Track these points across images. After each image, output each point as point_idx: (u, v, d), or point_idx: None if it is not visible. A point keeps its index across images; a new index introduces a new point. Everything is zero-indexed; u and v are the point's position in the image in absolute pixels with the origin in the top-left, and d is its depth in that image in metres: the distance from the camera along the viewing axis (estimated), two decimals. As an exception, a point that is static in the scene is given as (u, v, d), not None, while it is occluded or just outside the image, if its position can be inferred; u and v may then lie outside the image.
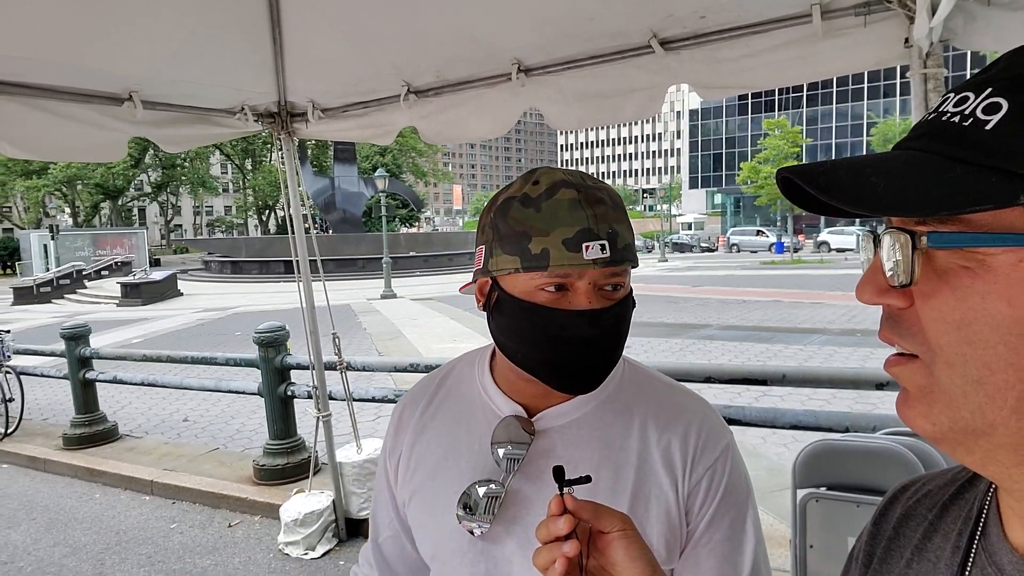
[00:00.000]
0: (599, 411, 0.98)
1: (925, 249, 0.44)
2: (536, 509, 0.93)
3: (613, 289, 0.88)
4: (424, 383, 1.11)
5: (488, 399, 1.01)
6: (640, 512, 0.92)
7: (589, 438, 0.96)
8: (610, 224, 0.86)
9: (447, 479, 0.98)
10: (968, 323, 0.42)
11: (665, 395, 1.02)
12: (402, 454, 1.05)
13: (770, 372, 3.18)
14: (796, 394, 6.59)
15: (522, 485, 0.94)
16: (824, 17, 2.27)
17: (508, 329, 0.91)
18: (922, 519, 0.59)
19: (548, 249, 0.84)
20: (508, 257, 0.87)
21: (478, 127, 3.11)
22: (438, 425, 1.04)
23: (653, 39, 2.53)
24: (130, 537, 4.52)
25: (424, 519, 1.01)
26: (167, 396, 8.48)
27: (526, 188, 0.89)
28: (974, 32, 2.14)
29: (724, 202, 73.73)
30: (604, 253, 0.84)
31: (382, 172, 23.23)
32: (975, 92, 0.43)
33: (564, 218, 0.85)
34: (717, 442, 0.97)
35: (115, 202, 55.36)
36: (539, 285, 0.86)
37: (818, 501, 2.31)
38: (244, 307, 19.41)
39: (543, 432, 0.96)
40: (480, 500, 0.93)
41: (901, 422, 1.89)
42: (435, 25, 2.79)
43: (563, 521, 0.67)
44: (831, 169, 0.45)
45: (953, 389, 0.44)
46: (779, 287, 19.83)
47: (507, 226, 0.88)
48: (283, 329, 5.12)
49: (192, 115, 3.31)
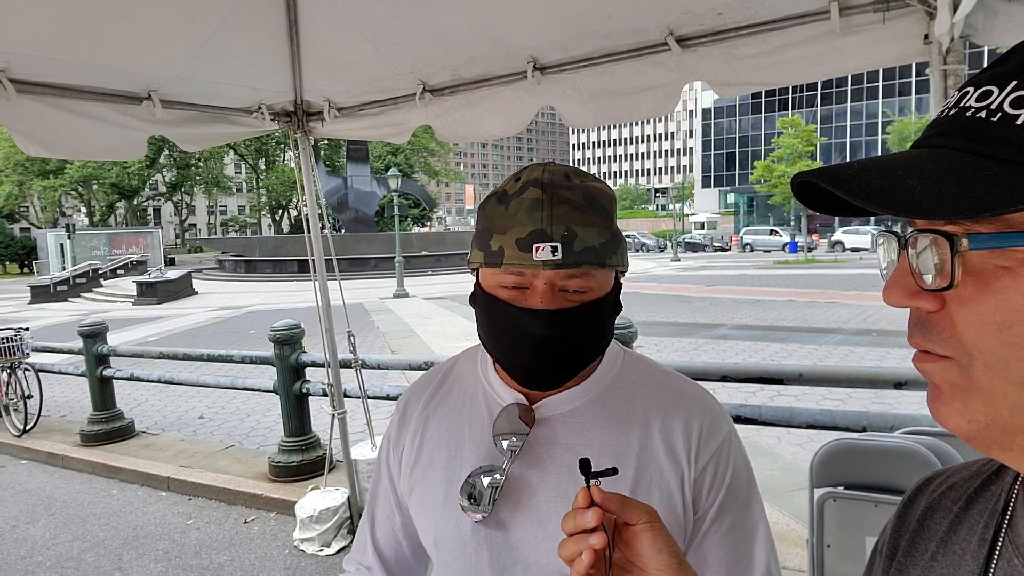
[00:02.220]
0: (600, 399, 0.99)
1: (965, 251, 0.42)
2: (539, 495, 0.95)
3: (577, 292, 0.89)
4: (427, 377, 1.12)
5: (491, 389, 1.03)
6: (642, 498, 0.92)
7: (591, 425, 0.97)
8: (568, 225, 0.86)
9: (450, 469, 1.00)
10: (1010, 325, 0.41)
11: (665, 383, 1.02)
12: (405, 446, 1.06)
13: (787, 371, 3.17)
14: (811, 394, 6.55)
15: (524, 472, 0.96)
16: (843, 14, 2.26)
17: (478, 321, 0.96)
18: (947, 511, 0.58)
19: (503, 247, 0.87)
20: (477, 252, 0.92)
21: (493, 125, 3.11)
22: (441, 417, 1.05)
23: (670, 36, 2.52)
24: (147, 533, 4.56)
25: (427, 509, 1.01)
26: (183, 394, 8.55)
27: (507, 184, 0.92)
28: (995, 28, 2.12)
29: (737, 201, 73.33)
30: (555, 255, 0.85)
31: (395, 172, 23.29)
32: (998, 86, 0.42)
33: (522, 218, 0.87)
34: (719, 428, 0.98)
35: (130, 202, 55.83)
36: (500, 282, 0.90)
37: (836, 500, 2.29)
38: (258, 306, 19.54)
39: (544, 420, 0.98)
40: (481, 487, 0.95)
41: (919, 421, 1.87)
42: (453, 23, 2.79)
43: (591, 514, 0.67)
44: (860, 172, 0.43)
45: (993, 390, 0.43)
46: (793, 287, 19.69)
47: (480, 222, 0.93)
48: (298, 327, 5.15)
49: (210, 114, 3.34)
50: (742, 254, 43.86)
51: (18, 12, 2.27)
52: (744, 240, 47.54)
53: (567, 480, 0.95)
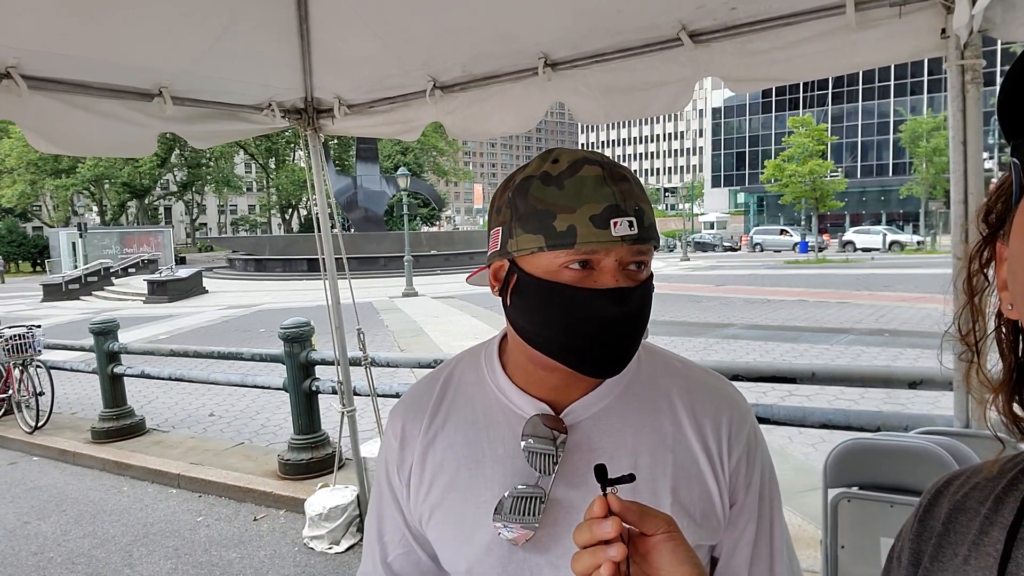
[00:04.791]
0: (625, 397, 0.95)
1: None
2: (580, 508, 0.87)
3: (637, 268, 0.85)
4: (422, 389, 1.02)
5: (506, 400, 0.95)
6: (683, 494, 0.90)
7: (621, 426, 0.92)
8: (636, 201, 0.84)
9: (473, 490, 0.92)
10: None
11: (687, 375, 0.99)
12: (412, 469, 0.97)
13: (799, 370, 3.13)
14: (823, 394, 6.50)
15: (561, 487, 0.90)
16: (858, 8, 2.22)
17: (530, 312, 0.86)
18: (975, 513, 0.56)
19: (575, 226, 0.81)
20: (531, 236, 0.83)
21: (503, 122, 3.09)
22: (450, 434, 0.96)
23: (682, 31, 2.50)
24: (157, 530, 4.57)
25: (452, 533, 0.94)
26: (193, 391, 8.59)
27: (545, 167, 0.86)
28: (1013, 22, 2.09)
29: (747, 201, 73.04)
30: (632, 230, 0.82)
31: (404, 171, 23.32)
32: None
33: (590, 195, 0.82)
34: (746, 419, 0.97)
35: (142, 201, 56.17)
36: (563, 263, 0.82)
37: (850, 501, 2.26)
38: (268, 304, 19.61)
39: (573, 427, 0.92)
40: (520, 507, 0.88)
41: (934, 421, 1.84)
42: (463, 19, 2.78)
43: (610, 524, 0.62)
44: None
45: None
46: (804, 286, 19.58)
47: (528, 205, 0.84)
48: (308, 325, 5.15)
49: (220, 111, 3.34)
50: (752, 254, 43.65)
51: (30, 8, 2.27)
52: (754, 240, 47.33)
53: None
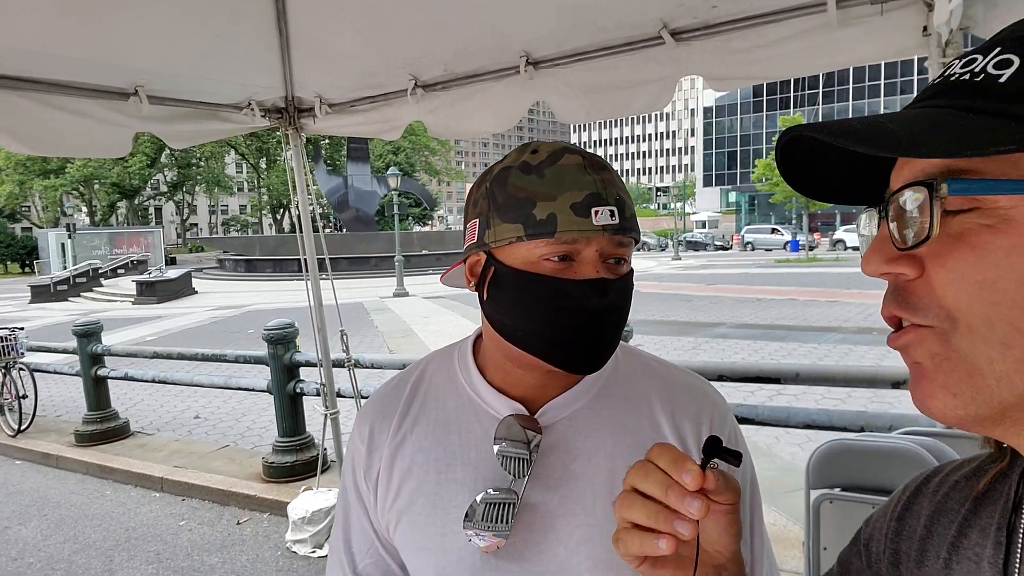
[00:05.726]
0: (602, 396, 0.92)
1: (944, 197, 0.41)
2: (557, 513, 0.87)
3: (617, 263, 0.83)
4: (391, 391, 0.99)
5: (480, 400, 0.92)
6: None
7: (599, 426, 0.90)
8: (617, 191, 0.82)
9: (443, 495, 0.89)
10: (992, 282, 0.40)
11: (665, 375, 0.97)
12: (380, 474, 0.94)
13: (784, 370, 3.12)
14: (810, 393, 6.50)
15: (536, 490, 0.87)
16: (839, 5, 2.21)
17: (508, 305, 0.84)
18: (955, 514, 0.55)
19: (555, 214, 0.78)
20: (509, 226, 0.81)
21: (485, 121, 3.07)
22: (420, 436, 0.93)
23: (664, 30, 2.48)
24: (139, 534, 4.52)
25: (421, 541, 0.90)
26: (178, 393, 8.52)
27: (524, 157, 0.84)
28: (995, 19, 2.08)
29: (738, 200, 73.29)
30: (613, 219, 0.79)
31: (394, 171, 23.25)
32: (982, 54, 0.43)
33: (571, 182, 0.79)
34: (726, 420, 0.94)
35: (131, 201, 55.84)
36: (543, 255, 0.80)
37: (832, 502, 2.25)
38: (258, 305, 19.52)
39: (549, 427, 0.89)
40: (491, 512, 0.84)
41: (917, 421, 1.80)
42: (445, 17, 2.75)
43: (699, 504, 0.55)
44: (843, 121, 0.44)
45: (976, 356, 0.41)
46: (794, 285, 19.65)
47: (507, 194, 0.82)
48: (292, 326, 5.11)
49: (199, 110, 3.29)
50: (743, 252, 43.82)
51: (0, 7, 2.22)
52: (745, 239, 47.51)
53: (585, 490, 0.87)
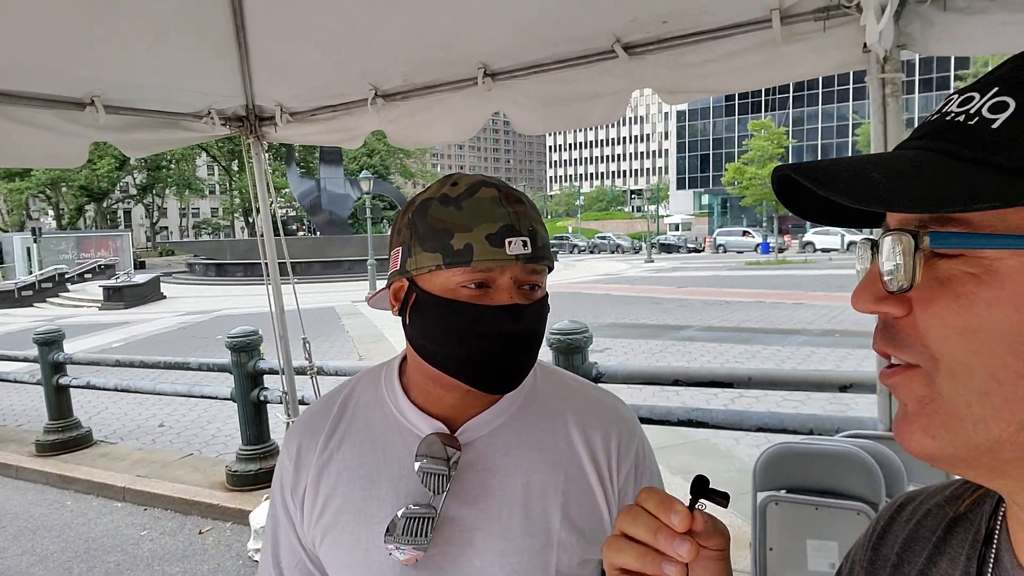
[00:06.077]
0: (521, 415, 0.97)
1: (927, 250, 0.41)
2: (475, 528, 0.91)
3: (532, 289, 0.88)
4: (319, 410, 1.03)
5: (403, 419, 0.96)
6: (573, 510, 0.93)
7: (517, 444, 0.95)
8: (531, 223, 0.87)
9: (367, 511, 0.92)
10: (973, 331, 0.40)
11: (580, 393, 1.03)
12: (307, 491, 0.97)
13: (737, 375, 3.19)
14: (772, 396, 6.61)
15: (454, 505, 0.91)
16: (784, 22, 2.28)
17: (428, 329, 0.89)
18: (926, 542, 0.55)
19: (471, 244, 0.84)
20: (428, 255, 0.86)
21: (445, 131, 3.10)
22: (346, 454, 0.97)
23: (617, 44, 2.53)
24: (99, 545, 4.47)
25: (344, 556, 0.93)
26: (143, 401, 8.39)
27: (444, 189, 0.89)
28: (931, 37, 2.16)
29: (711, 203, 74.05)
30: (526, 249, 0.85)
31: (367, 174, 23.17)
32: (980, 92, 0.42)
33: (486, 214, 0.85)
34: (634, 435, 1.00)
35: (100, 204, 54.87)
36: (460, 282, 0.85)
37: (777, 504, 2.32)
38: (228, 310, 19.28)
39: (469, 444, 0.93)
40: (411, 527, 0.88)
41: (865, 424, 1.87)
42: (404, 29, 2.78)
43: (687, 547, 0.55)
44: (832, 164, 0.43)
45: (956, 400, 0.42)
46: (762, 288, 19.93)
47: (427, 225, 0.87)
48: (256, 334, 5.09)
49: (157, 119, 3.28)
50: (715, 255, 44.28)
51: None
52: (717, 241, 48.05)
53: (501, 505, 0.91)
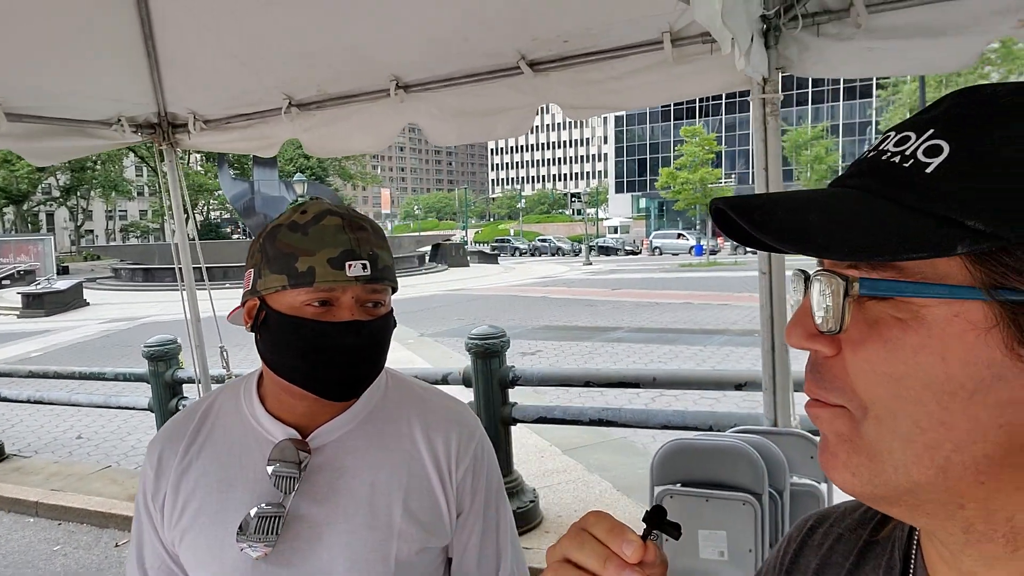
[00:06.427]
0: (370, 421, 1.07)
1: (856, 296, 0.40)
2: (323, 525, 0.99)
3: (374, 306, 0.98)
4: (181, 420, 1.10)
5: (259, 426, 1.04)
6: (414, 504, 1.03)
7: (366, 447, 1.04)
8: (371, 247, 0.97)
9: (223, 513, 0.99)
10: (900, 377, 0.39)
11: (425, 399, 1.13)
12: (166, 496, 1.04)
13: (643, 376, 3.36)
14: (690, 395, 6.85)
15: (306, 503, 0.99)
16: (675, 44, 2.42)
17: (276, 344, 0.98)
18: (839, 568, 0.55)
19: (314, 267, 0.93)
20: (276, 276, 0.96)
21: (361, 141, 3.16)
22: (205, 461, 1.04)
23: (522, 60, 2.64)
24: (9, 562, 4.32)
25: (202, 555, 1.01)
26: (61, 413, 8.07)
27: (294, 216, 0.99)
28: (807, 60, 2.34)
29: (648, 206, 75.48)
30: (366, 271, 0.95)
31: (300, 177, 22.82)
32: (916, 132, 0.41)
33: (329, 240, 0.95)
34: (473, 437, 1.10)
35: (19, 207, 52.18)
36: (305, 301, 0.95)
37: (672, 497, 2.45)
38: (154, 317, 18.62)
39: (319, 448, 1.02)
40: (261, 524, 0.96)
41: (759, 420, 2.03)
42: (317, 40, 2.82)
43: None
44: (767, 203, 0.42)
45: (878, 444, 0.41)
46: (693, 289, 20.50)
47: (275, 249, 0.96)
48: (174, 342, 5.00)
49: (64, 127, 3.22)
50: (652, 257, 45.11)
51: None
52: (654, 244, 49.04)
53: (348, 502, 1.00)
